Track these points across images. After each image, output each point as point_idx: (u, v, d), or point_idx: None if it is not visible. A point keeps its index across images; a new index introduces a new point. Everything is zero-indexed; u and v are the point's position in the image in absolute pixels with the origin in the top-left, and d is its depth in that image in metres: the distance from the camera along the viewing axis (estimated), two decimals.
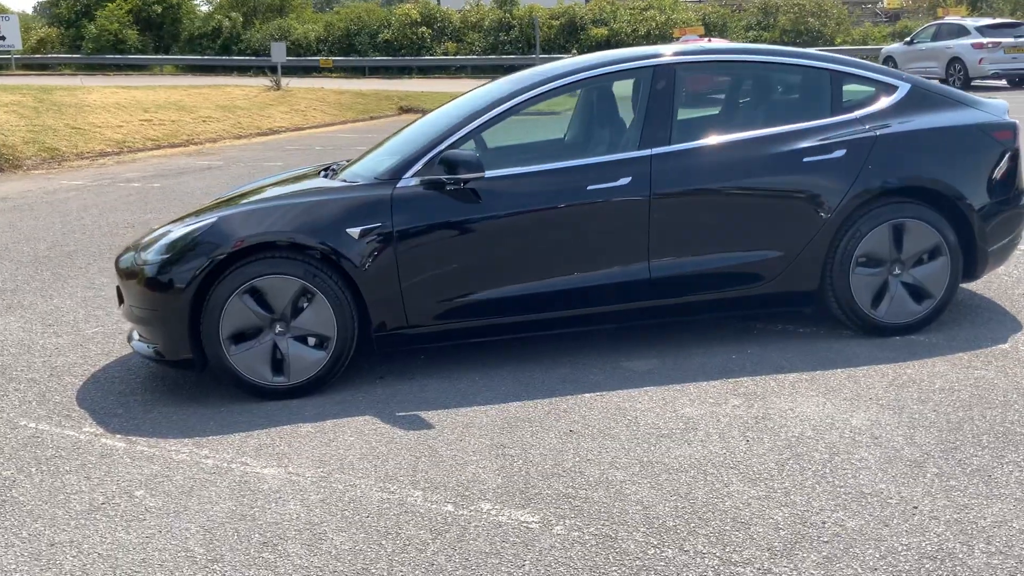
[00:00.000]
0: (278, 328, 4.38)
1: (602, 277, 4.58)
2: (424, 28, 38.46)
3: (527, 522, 3.17)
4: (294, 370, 4.39)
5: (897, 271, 4.74)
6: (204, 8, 46.86)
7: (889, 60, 25.80)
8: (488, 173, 4.43)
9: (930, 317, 4.83)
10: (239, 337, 4.35)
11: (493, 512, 3.24)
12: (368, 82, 32.04)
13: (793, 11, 35.65)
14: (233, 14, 42.28)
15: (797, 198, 4.69)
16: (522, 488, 3.41)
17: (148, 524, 3.29)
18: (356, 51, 39.34)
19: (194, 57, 40.84)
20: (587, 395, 4.27)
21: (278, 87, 24.07)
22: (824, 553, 2.89)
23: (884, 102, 4.84)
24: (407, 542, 3.08)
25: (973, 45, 22.43)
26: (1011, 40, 22.41)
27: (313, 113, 21.72)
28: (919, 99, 4.88)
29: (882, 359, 4.51)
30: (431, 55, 38.01)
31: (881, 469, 3.43)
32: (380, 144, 5.41)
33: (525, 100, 4.69)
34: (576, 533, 3.08)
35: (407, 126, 5.68)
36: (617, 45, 35.91)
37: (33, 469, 3.78)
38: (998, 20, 24.72)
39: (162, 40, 43.30)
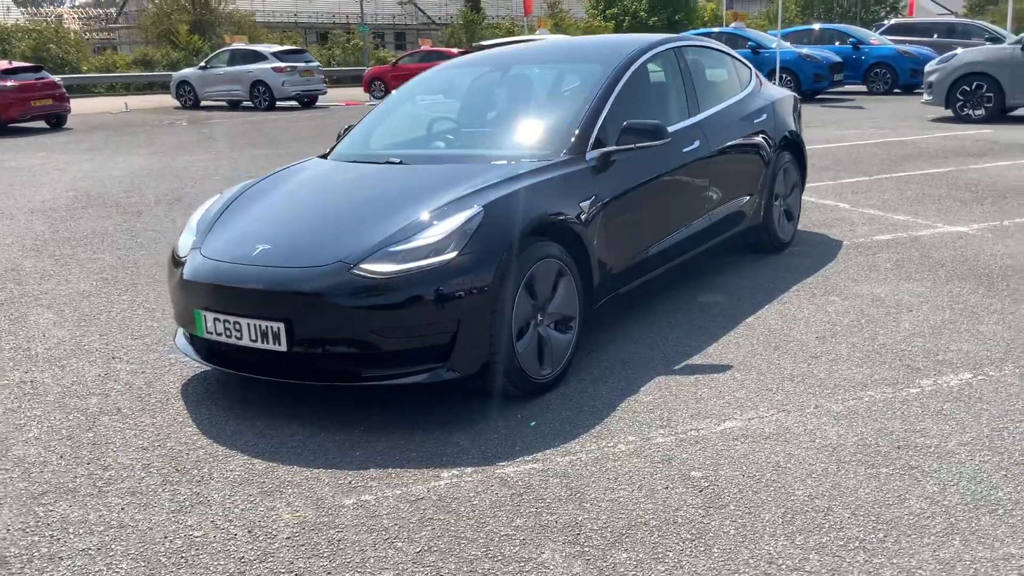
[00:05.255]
0: (539, 316, 4.04)
1: (695, 224, 5.25)
2: None
3: (997, 376, 4.03)
4: (555, 358, 4.09)
5: (780, 203, 6.40)
6: None
7: (185, 84, 26.47)
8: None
9: (795, 231, 6.63)
10: (518, 333, 3.90)
11: (960, 378, 4.01)
12: None
13: (32, 37, 33.41)
14: None
15: (756, 150, 5.97)
16: (939, 362, 4.18)
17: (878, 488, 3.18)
18: None
19: None
20: (749, 319, 4.97)
21: None
22: None
23: (753, 80, 6.41)
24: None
25: (274, 69, 24.62)
26: (303, 64, 25.25)
27: None
28: (758, 78, 6.57)
29: (825, 262, 6.11)
30: None
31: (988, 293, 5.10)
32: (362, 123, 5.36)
33: (632, 74, 5.03)
34: None
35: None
36: None
37: (518, 513, 3.05)
38: (287, 47, 27.35)
39: None
